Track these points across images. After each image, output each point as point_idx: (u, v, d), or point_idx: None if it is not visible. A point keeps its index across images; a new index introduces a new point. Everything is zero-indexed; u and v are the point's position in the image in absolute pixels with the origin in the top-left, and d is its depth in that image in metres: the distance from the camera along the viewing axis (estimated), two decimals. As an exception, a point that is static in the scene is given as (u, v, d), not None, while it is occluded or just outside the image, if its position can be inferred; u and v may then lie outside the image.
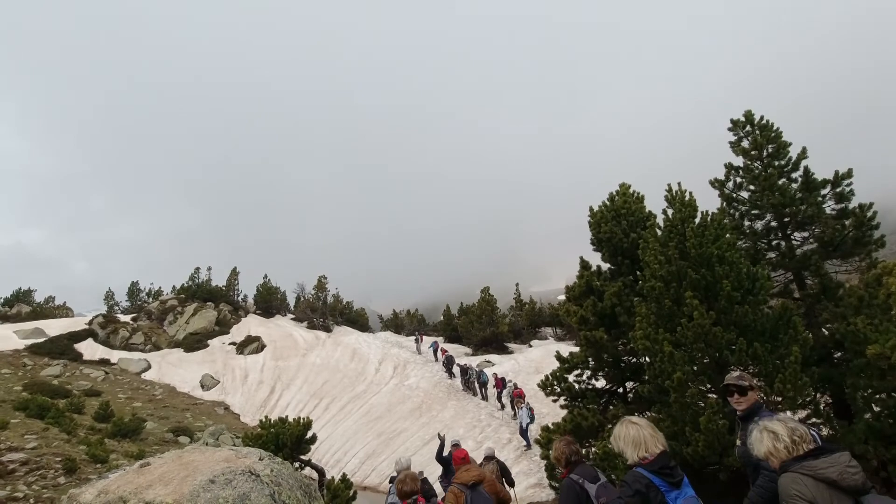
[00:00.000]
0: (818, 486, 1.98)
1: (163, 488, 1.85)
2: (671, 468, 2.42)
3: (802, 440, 2.14)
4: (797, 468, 2.07)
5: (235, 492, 1.84)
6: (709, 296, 6.55)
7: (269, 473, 2.12)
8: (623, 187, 9.43)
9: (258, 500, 1.84)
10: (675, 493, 2.36)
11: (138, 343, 34.62)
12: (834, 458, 2.05)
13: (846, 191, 8.77)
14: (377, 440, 22.09)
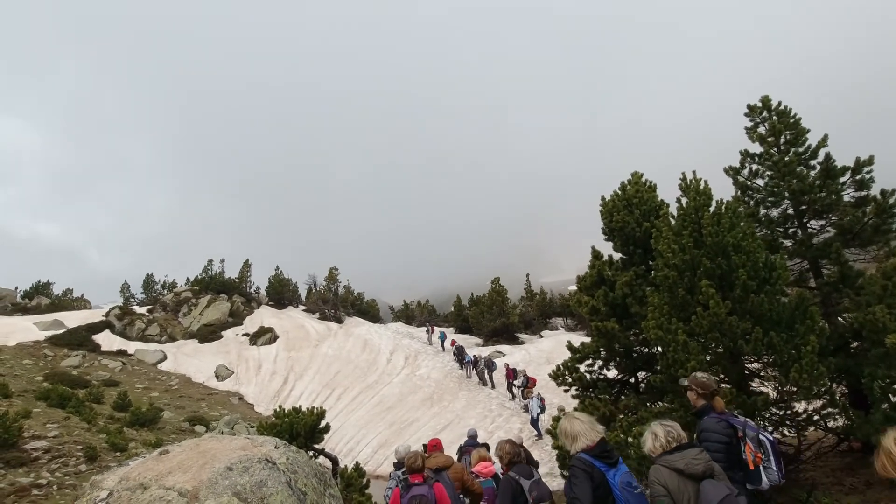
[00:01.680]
0: (671, 474, 2.64)
1: (182, 475, 1.88)
2: (608, 451, 2.88)
3: (675, 440, 2.80)
4: (659, 461, 2.76)
5: (253, 479, 1.86)
6: (724, 285, 6.46)
7: (286, 462, 2.14)
8: (635, 176, 9.31)
9: (275, 487, 1.86)
10: (613, 471, 2.81)
11: (154, 334, 35.22)
12: (684, 453, 2.71)
13: (866, 178, 8.57)
14: (389, 430, 22.31)
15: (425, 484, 4.38)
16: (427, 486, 4.37)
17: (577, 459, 2.86)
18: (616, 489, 2.72)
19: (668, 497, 2.58)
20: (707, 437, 3.45)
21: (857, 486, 6.72)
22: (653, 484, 2.66)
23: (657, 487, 2.62)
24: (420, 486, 4.34)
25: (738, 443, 3.42)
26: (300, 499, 1.94)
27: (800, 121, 9.07)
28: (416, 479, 4.43)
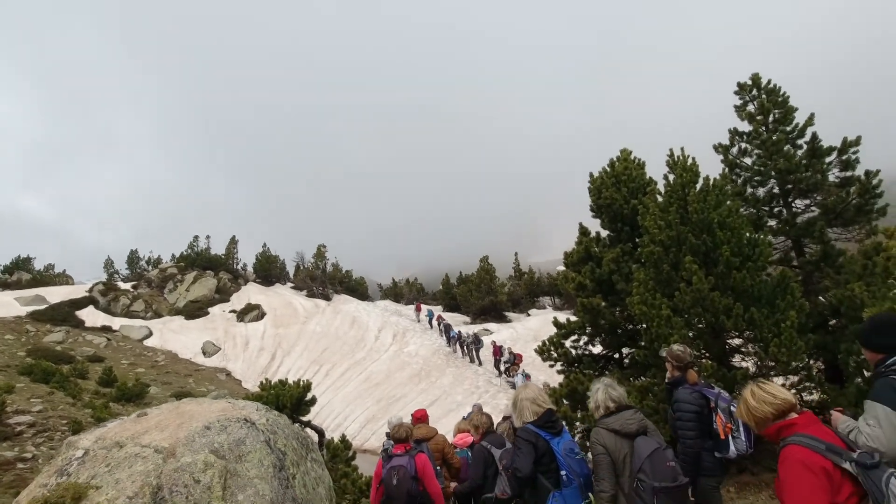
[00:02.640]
0: (608, 434, 2.89)
1: (159, 434, 1.85)
2: (553, 421, 3.08)
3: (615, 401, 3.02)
4: (599, 424, 3.00)
5: (231, 437, 1.84)
6: (708, 261, 6.52)
7: (265, 423, 2.13)
8: (624, 153, 9.28)
9: (253, 445, 1.85)
10: (557, 440, 3.01)
11: (139, 310, 34.90)
12: (619, 415, 2.95)
13: (852, 158, 8.64)
14: (377, 405, 22.54)
15: (406, 455, 4.42)
16: (408, 457, 4.41)
17: (522, 430, 3.09)
18: (559, 456, 2.93)
19: (607, 455, 2.85)
20: (679, 408, 3.54)
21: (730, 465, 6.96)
22: (594, 445, 2.93)
23: (597, 447, 2.89)
24: (401, 456, 4.37)
25: (710, 413, 3.50)
26: (279, 458, 1.93)
27: (788, 99, 9.07)
28: (398, 449, 4.44)
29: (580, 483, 2.92)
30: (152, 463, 1.67)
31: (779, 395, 2.12)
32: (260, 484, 1.73)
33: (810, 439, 1.95)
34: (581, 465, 2.99)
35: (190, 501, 1.61)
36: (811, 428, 2.00)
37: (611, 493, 2.78)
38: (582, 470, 2.98)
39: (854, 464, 1.84)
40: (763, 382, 2.26)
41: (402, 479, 4.36)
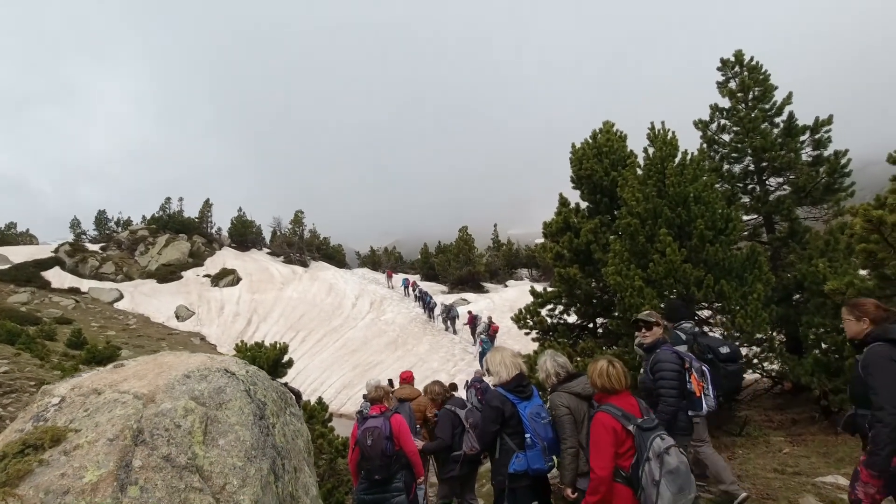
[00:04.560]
0: (570, 397, 3.16)
1: (137, 381, 1.84)
2: (524, 386, 3.24)
3: (565, 369, 3.31)
4: (560, 388, 3.24)
5: (211, 385, 1.85)
6: (682, 234, 6.67)
7: (245, 374, 2.14)
8: (607, 125, 9.29)
9: (233, 393, 1.86)
10: (525, 404, 3.17)
11: (109, 273, 34.06)
12: (579, 379, 3.24)
13: (824, 137, 8.83)
14: (353, 372, 22.77)
15: (381, 416, 4.52)
16: (382, 419, 4.51)
17: (491, 393, 3.32)
18: (525, 419, 3.11)
19: (571, 415, 3.11)
20: (663, 367, 3.65)
21: (784, 423, 7.36)
22: (557, 407, 3.17)
23: (561, 409, 3.14)
24: (376, 418, 4.46)
25: (685, 373, 3.66)
26: (259, 407, 1.95)
27: (769, 77, 9.16)
28: (373, 411, 4.55)
29: (543, 446, 3.09)
30: (132, 408, 1.67)
31: (615, 378, 2.81)
32: (241, 430, 1.76)
33: (613, 408, 2.73)
34: (546, 429, 3.15)
35: (171, 444, 1.63)
36: (618, 401, 2.77)
37: (575, 449, 3.06)
38: (546, 434, 3.13)
39: (635, 426, 2.61)
40: (614, 362, 2.88)
41: (377, 439, 4.46)
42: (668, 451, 2.53)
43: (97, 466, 1.48)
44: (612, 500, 2.64)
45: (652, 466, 2.51)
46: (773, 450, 6.13)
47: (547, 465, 3.09)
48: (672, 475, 2.48)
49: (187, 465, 1.60)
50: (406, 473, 4.70)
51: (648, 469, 2.51)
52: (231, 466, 1.65)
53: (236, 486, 1.61)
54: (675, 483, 2.47)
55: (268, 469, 1.78)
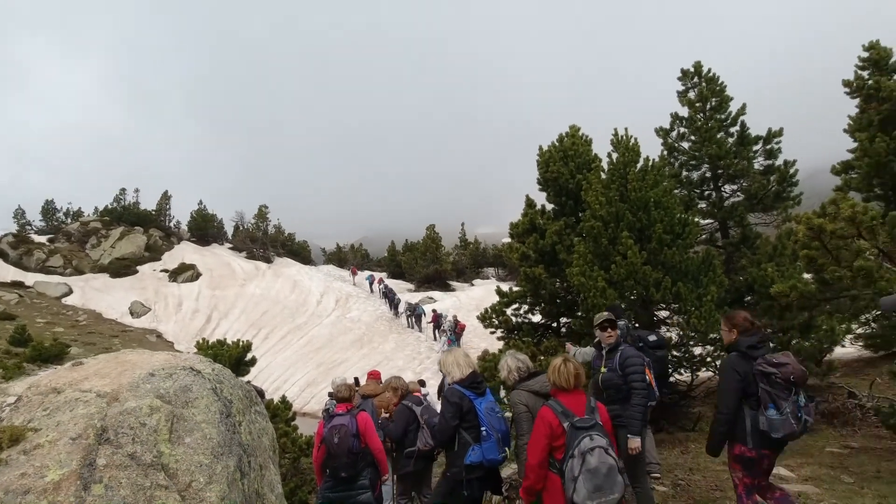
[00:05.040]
0: (529, 395, 3.29)
1: (99, 380, 1.80)
2: (478, 383, 3.40)
3: (525, 368, 3.45)
4: (519, 386, 3.39)
5: (177, 384, 1.83)
6: (642, 237, 6.93)
7: (211, 372, 2.11)
8: (573, 129, 9.53)
9: (200, 392, 1.84)
10: (480, 400, 3.33)
11: (57, 266, 32.39)
12: (537, 379, 3.38)
13: (775, 148, 9.35)
14: (317, 370, 22.46)
15: (348, 414, 4.54)
16: (349, 416, 4.53)
17: (449, 390, 3.44)
18: (481, 413, 3.27)
19: (529, 412, 3.23)
20: (634, 363, 3.87)
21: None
22: (515, 405, 3.31)
23: (519, 406, 3.28)
24: (342, 416, 4.48)
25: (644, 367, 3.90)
26: (226, 405, 1.93)
27: (725, 88, 9.61)
28: (340, 408, 4.57)
29: (498, 438, 3.27)
30: (95, 406, 1.63)
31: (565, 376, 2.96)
32: (207, 428, 1.74)
33: (557, 403, 2.91)
34: (500, 422, 3.33)
35: (137, 443, 1.60)
36: (563, 398, 2.94)
37: None
38: (500, 426, 3.31)
39: (569, 424, 2.79)
40: (568, 361, 3.03)
41: (344, 437, 4.47)
42: (591, 451, 2.69)
43: (59, 465, 1.45)
44: (546, 486, 2.86)
45: (574, 463, 2.69)
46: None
47: (500, 455, 3.26)
48: (590, 474, 2.64)
49: (153, 463, 1.58)
50: (371, 471, 4.72)
51: (570, 465, 2.70)
52: (197, 464, 1.63)
53: (203, 483, 1.60)
54: (592, 482, 2.63)
55: (234, 466, 1.77)
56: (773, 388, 3.08)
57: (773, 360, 3.16)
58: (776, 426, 3.03)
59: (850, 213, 4.85)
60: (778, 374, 3.08)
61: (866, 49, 8.67)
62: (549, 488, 2.89)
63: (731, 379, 3.23)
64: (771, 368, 3.11)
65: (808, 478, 4.93)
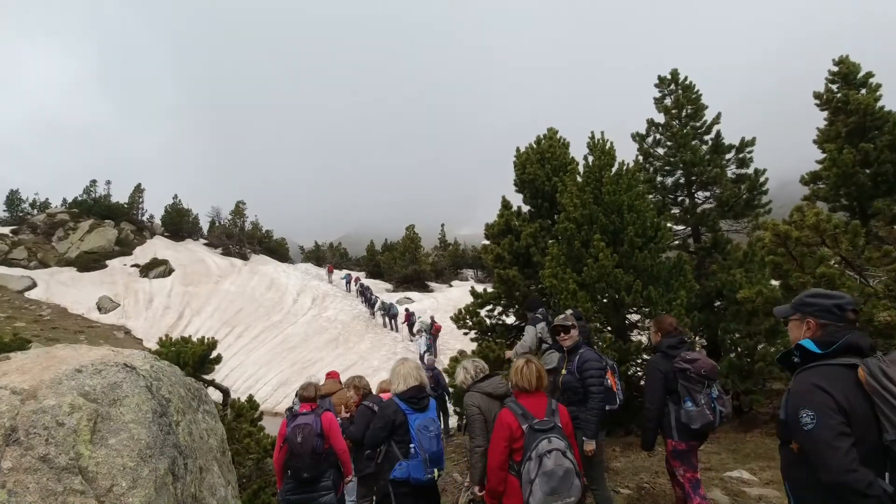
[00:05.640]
0: (482, 397, 3.24)
1: (19, 376, 1.66)
2: (419, 398, 3.33)
3: (482, 372, 3.42)
4: (473, 388, 3.33)
5: (105, 381, 1.70)
6: (615, 240, 6.96)
7: (148, 369, 1.98)
8: (551, 132, 9.55)
9: (131, 389, 1.71)
10: (416, 416, 3.26)
11: (20, 258, 31.24)
12: (491, 380, 3.34)
13: (748, 157, 9.52)
14: (291, 369, 22.11)
15: (312, 413, 4.46)
16: (313, 416, 4.45)
17: (386, 403, 3.45)
18: (413, 430, 3.20)
19: (481, 414, 3.20)
20: (591, 366, 3.85)
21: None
22: (468, 407, 3.27)
23: (472, 409, 3.24)
24: (306, 415, 4.41)
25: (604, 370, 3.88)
26: (161, 404, 1.82)
27: (701, 97, 9.75)
28: (304, 408, 4.53)
29: (425, 458, 3.18)
30: (6, 404, 1.49)
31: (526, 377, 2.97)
32: (136, 428, 1.62)
33: (516, 405, 2.90)
34: (432, 442, 3.22)
35: (51, 444, 1.47)
36: (524, 400, 2.94)
37: (484, 448, 3.15)
38: (430, 447, 3.21)
39: (528, 426, 2.78)
40: (530, 362, 3.04)
41: (307, 436, 4.36)
42: (548, 454, 2.67)
43: (-45, 469, 1.32)
44: (506, 489, 2.84)
45: (531, 466, 2.67)
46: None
47: (426, 476, 3.17)
48: (546, 477, 2.62)
49: (68, 467, 1.45)
50: (334, 472, 4.61)
51: (527, 468, 2.68)
52: (120, 467, 1.51)
53: (125, 487, 1.48)
54: (548, 484, 2.61)
55: (165, 469, 1.66)
56: (689, 382, 3.39)
57: (686, 357, 3.47)
58: (694, 417, 3.33)
59: (814, 221, 4.94)
60: (691, 370, 3.39)
61: (836, 63, 8.92)
62: (508, 491, 2.88)
63: (654, 377, 3.54)
64: (685, 364, 3.41)
65: (770, 481, 4.99)
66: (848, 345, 1.80)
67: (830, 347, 1.81)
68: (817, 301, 1.94)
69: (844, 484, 1.63)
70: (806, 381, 1.79)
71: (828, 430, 1.66)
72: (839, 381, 1.73)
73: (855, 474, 1.61)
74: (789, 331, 2.07)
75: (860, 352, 1.80)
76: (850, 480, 1.61)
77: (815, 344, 1.85)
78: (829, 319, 1.89)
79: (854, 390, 1.70)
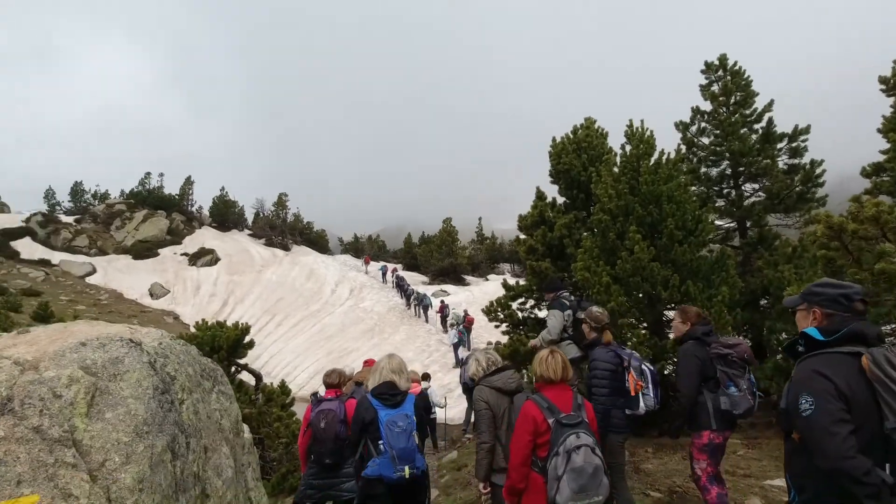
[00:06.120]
0: (491, 391, 3.17)
1: (27, 348, 1.71)
2: (391, 395, 3.20)
3: (494, 364, 3.33)
4: (483, 382, 3.26)
5: (108, 355, 1.73)
6: (653, 233, 6.65)
7: (156, 346, 2.00)
8: (588, 121, 9.23)
9: (133, 365, 1.73)
10: (387, 412, 3.14)
11: (82, 246, 33.25)
12: (501, 374, 3.24)
13: (801, 146, 8.91)
14: (327, 357, 22.60)
15: (336, 399, 4.47)
16: (337, 402, 4.46)
17: (360, 398, 3.39)
18: (382, 427, 3.09)
19: (489, 410, 3.13)
20: (596, 366, 3.70)
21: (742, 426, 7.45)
22: (477, 401, 3.21)
23: (480, 403, 3.18)
24: (330, 401, 4.43)
25: (623, 371, 3.68)
26: (164, 381, 1.83)
27: (751, 83, 9.19)
28: (329, 394, 4.55)
29: (393, 455, 3.07)
30: (6, 374, 1.53)
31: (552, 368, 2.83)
32: (134, 403, 1.63)
33: (541, 398, 2.76)
34: (400, 438, 3.10)
35: (45, 415, 1.50)
36: (549, 392, 2.80)
37: (490, 444, 3.10)
38: (398, 444, 3.09)
39: (554, 420, 2.65)
40: (556, 352, 2.91)
41: (330, 422, 4.39)
42: (577, 450, 2.56)
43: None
44: (527, 486, 2.73)
45: (558, 462, 2.56)
46: (727, 452, 6.19)
47: (396, 474, 3.06)
48: (574, 473, 2.51)
49: (61, 439, 1.47)
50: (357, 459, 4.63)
51: (555, 463, 2.57)
52: (115, 441, 1.52)
53: (118, 462, 1.49)
54: (577, 482, 2.50)
55: (163, 446, 1.66)
56: (731, 367, 3.32)
57: (728, 342, 3.45)
58: (738, 402, 3.26)
59: (873, 213, 4.53)
60: (734, 354, 3.32)
61: (905, 43, 8.18)
62: (529, 488, 2.74)
63: (690, 363, 3.41)
64: (726, 349, 3.36)
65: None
66: (852, 333, 1.76)
67: (834, 335, 1.78)
68: (824, 291, 1.92)
69: (841, 470, 1.60)
70: (807, 368, 1.78)
71: (826, 416, 1.64)
72: (842, 367, 1.71)
73: (852, 461, 1.59)
74: (797, 321, 2.05)
75: (865, 341, 1.76)
76: (846, 467, 1.59)
77: (820, 332, 1.82)
78: (835, 309, 1.85)
79: (857, 378, 1.67)
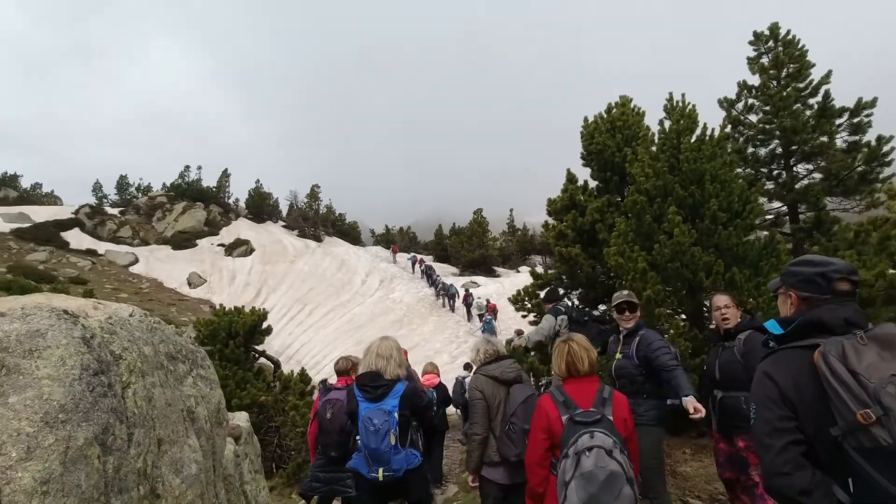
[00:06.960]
0: (487, 381, 3.10)
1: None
2: (374, 386, 2.95)
3: (493, 353, 3.25)
4: (479, 371, 3.20)
5: (27, 327, 1.48)
6: (694, 215, 6.09)
7: (102, 320, 1.75)
8: (623, 99, 8.60)
9: (56, 340, 1.47)
10: (366, 405, 2.90)
11: (126, 237, 34.56)
12: (500, 364, 3.17)
13: (864, 122, 8.06)
14: (356, 348, 22.62)
15: (345, 389, 4.24)
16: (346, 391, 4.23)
17: (348, 387, 3.25)
18: (360, 422, 2.87)
19: (484, 400, 3.04)
20: (658, 345, 3.33)
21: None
22: (471, 390, 3.11)
23: (475, 393, 3.08)
24: (340, 390, 4.22)
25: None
26: (101, 360, 1.56)
27: (806, 53, 8.39)
28: (339, 383, 4.34)
29: (365, 454, 2.85)
30: None
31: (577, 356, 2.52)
32: (50, 386, 1.37)
33: (558, 392, 2.49)
34: (372, 438, 2.81)
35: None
36: (571, 386, 2.50)
37: (482, 436, 3.00)
38: (368, 442, 2.83)
39: (567, 417, 2.36)
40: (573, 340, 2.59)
41: (337, 413, 4.13)
42: (587, 452, 2.17)
43: None
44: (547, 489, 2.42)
45: (567, 465, 2.20)
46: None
47: (370, 474, 2.81)
48: (583, 479, 2.13)
49: (-56, 426, 1.23)
50: None
51: (563, 466, 2.22)
52: (14, 431, 1.25)
53: (14, 458, 1.21)
54: (586, 490, 2.11)
55: (87, 439, 1.39)
56: None
57: None
58: None
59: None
60: None
61: None
62: (550, 492, 2.41)
63: None
64: None
65: None
66: (808, 322, 1.46)
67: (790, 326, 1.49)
68: (801, 270, 1.62)
69: (771, 488, 1.38)
70: (759, 370, 1.52)
71: (763, 425, 1.42)
72: (790, 366, 1.43)
73: (786, 478, 1.33)
74: (778, 307, 1.76)
75: (827, 330, 1.43)
76: (777, 485, 1.36)
77: (779, 323, 1.54)
78: (811, 291, 1.55)
79: (808, 377, 1.39)
